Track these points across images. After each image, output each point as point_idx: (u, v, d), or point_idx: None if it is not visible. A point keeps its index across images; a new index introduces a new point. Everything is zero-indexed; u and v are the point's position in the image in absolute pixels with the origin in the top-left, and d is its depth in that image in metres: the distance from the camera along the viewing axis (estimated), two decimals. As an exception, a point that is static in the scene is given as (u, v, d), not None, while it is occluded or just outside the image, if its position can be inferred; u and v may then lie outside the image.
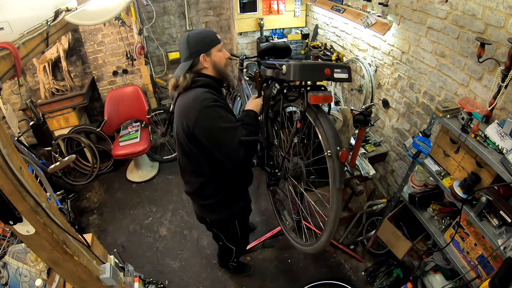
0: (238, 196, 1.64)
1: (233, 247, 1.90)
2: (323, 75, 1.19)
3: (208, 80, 1.37)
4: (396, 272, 2.15)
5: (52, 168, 1.68)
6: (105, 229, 2.78)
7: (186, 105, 1.29)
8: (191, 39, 1.35)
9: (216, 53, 1.39)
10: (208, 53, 1.37)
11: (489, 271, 1.41)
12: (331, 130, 1.21)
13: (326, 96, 1.24)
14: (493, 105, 1.36)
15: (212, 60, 1.38)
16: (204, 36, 1.37)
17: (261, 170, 1.73)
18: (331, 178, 1.22)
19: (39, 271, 1.43)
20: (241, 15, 3.31)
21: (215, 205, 1.57)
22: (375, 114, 2.49)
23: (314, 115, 1.27)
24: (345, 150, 1.15)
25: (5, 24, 0.89)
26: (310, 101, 1.22)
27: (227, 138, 1.26)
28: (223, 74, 1.43)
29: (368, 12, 2.24)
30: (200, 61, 1.36)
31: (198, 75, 1.38)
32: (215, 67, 1.40)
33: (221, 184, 1.49)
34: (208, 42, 1.37)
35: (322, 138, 1.23)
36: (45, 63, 3.02)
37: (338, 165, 1.19)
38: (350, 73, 1.25)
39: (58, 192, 2.47)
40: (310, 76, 1.22)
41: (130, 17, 3.13)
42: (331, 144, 1.18)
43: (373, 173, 2.00)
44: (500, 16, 1.36)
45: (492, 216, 1.31)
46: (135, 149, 3.03)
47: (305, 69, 1.20)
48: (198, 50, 1.35)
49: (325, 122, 1.23)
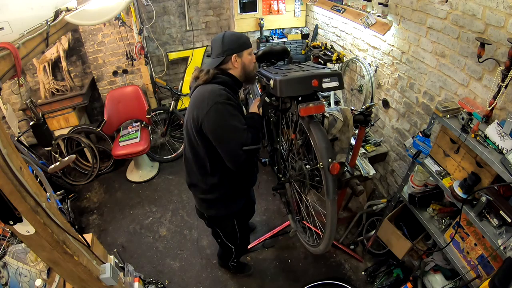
0: (238, 196, 1.64)
1: (232, 245, 1.90)
2: (310, 87, 1.19)
3: (228, 79, 1.41)
4: (396, 272, 2.15)
5: (52, 168, 1.68)
6: (105, 229, 2.78)
7: (201, 97, 1.33)
8: (227, 38, 1.40)
9: (247, 56, 1.45)
10: (240, 54, 1.42)
11: (489, 271, 1.41)
12: (323, 142, 1.21)
13: (318, 106, 1.23)
14: (493, 105, 1.36)
15: (242, 62, 1.44)
16: (239, 37, 1.43)
17: (260, 171, 1.75)
18: (324, 189, 1.23)
19: (39, 271, 1.43)
20: (241, 15, 3.31)
21: (213, 200, 1.58)
22: (375, 114, 2.49)
23: (307, 125, 1.27)
24: (337, 163, 1.15)
25: (5, 24, 0.89)
26: (300, 113, 1.22)
27: (233, 136, 1.28)
28: (249, 77, 1.48)
29: (368, 12, 2.24)
30: (231, 60, 1.41)
31: (222, 72, 1.42)
32: (244, 69, 1.45)
33: (221, 181, 1.50)
34: (242, 43, 1.42)
35: (315, 149, 1.23)
36: (45, 63, 3.02)
37: (330, 177, 1.19)
38: (341, 80, 1.24)
39: (58, 192, 2.48)
40: (297, 90, 1.21)
41: (130, 17, 3.12)
42: (323, 156, 1.19)
43: (373, 173, 2.00)
44: (500, 16, 1.36)
45: (492, 216, 1.31)
46: (135, 149, 3.03)
47: (291, 84, 1.19)
48: (232, 49, 1.40)
49: (317, 133, 1.22)
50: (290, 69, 1.38)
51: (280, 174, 1.81)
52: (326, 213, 1.28)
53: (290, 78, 1.20)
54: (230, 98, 1.32)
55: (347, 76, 2.84)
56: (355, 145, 1.90)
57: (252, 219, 2.73)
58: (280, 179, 1.82)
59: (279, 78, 1.18)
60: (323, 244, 1.40)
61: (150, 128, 3.44)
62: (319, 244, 1.47)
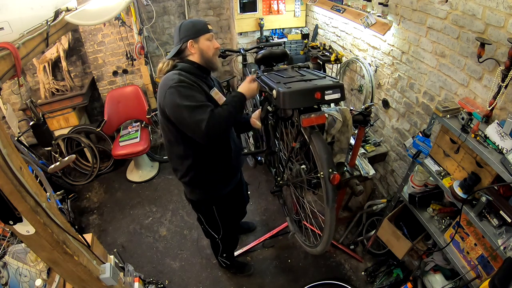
0: (217, 181, 1.66)
1: (215, 234, 1.92)
2: (313, 99, 1.21)
3: (186, 65, 1.45)
4: (396, 272, 2.15)
5: (52, 168, 1.68)
6: (105, 229, 2.79)
7: (160, 86, 1.40)
8: (183, 26, 1.45)
9: (205, 41, 1.46)
10: (196, 40, 1.45)
11: (489, 271, 1.41)
12: (324, 152, 1.22)
13: (319, 117, 1.24)
14: (493, 105, 1.36)
15: (199, 47, 1.46)
16: (195, 24, 1.46)
17: (260, 171, 1.75)
18: (324, 197, 1.25)
19: (39, 271, 1.43)
20: (241, 15, 3.31)
21: (191, 183, 1.63)
22: (375, 114, 2.49)
23: (308, 135, 1.28)
24: (337, 173, 1.16)
25: (5, 24, 0.89)
26: (302, 124, 1.23)
27: (187, 114, 1.30)
28: (209, 63, 1.50)
29: (368, 12, 2.24)
30: (187, 46, 1.45)
31: (183, 60, 1.46)
32: (202, 55, 1.47)
33: (195, 162, 1.54)
34: (197, 30, 1.45)
35: (316, 159, 1.24)
36: (45, 63, 3.02)
37: (330, 187, 1.21)
38: (343, 92, 1.26)
39: (58, 192, 2.47)
40: (300, 103, 1.23)
41: (130, 17, 3.12)
42: (324, 166, 1.20)
43: (373, 173, 2.00)
44: (500, 16, 1.36)
45: (492, 216, 1.31)
46: (135, 149, 3.03)
47: (294, 96, 1.21)
48: (187, 36, 1.44)
49: (318, 143, 1.24)
50: (291, 76, 1.38)
51: (279, 177, 1.82)
52: (325, 219, 1.30)
53: (294, 91, 1.21)
54: (182, 80, 1.35)
55: (347, 76, 2.84)
56: (355, 145, 1.90)
57: (252, 219, 2.74)
58: (278, 182, 1.82)
59: (283, 90, 1.19)
60: (321, 246, 1.44)
61: (150, 128, 3.44)
62: (317, 246, 1.50)
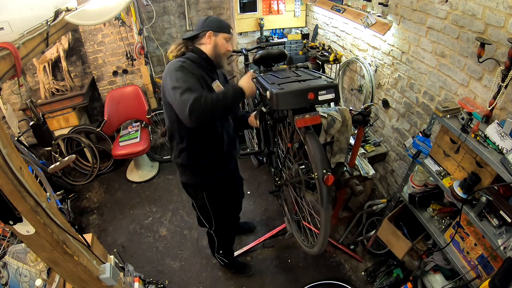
0: (205, 168, 1.69)
1: (207, 224, 1.93)
2: (306, 100, 1.20)
3: (194, 56, 1.49)
4: (396, 272, 2.15)
5: (52, 168, 1.68)
6: (105, 229, 2.79)
7: (164, 71, 1.46)
8: (209, 19, 1.52)
9: (222, 39, 1.52)
10: (216, 34, 1.50)
11: (489, 271, 1.41)
12: (318, 153, 1.22)
13: (313, 118, 1.23)
14: (493, 105, 1.36)
15: (215, 41, 1.50)
16: (220, 21, 1.53)
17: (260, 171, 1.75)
18: (318, 198, 1.25)
19: (39, 271, 1.43)
20: (241, 15, 3.31)
21: (181, 165, 1.69)
22: (375, 114, 2.49)
23: (303, 135, 1.28)
24: (331, 174, 1.16)
25: (5, 24, 0.89)
26: (296, 124, 1.23)
27: (176, 95, 1.33)
28: (217, 58, 1.54)
29: (368, 12, 2.24)
30: (205, 36, 1.49)
31: (193, 49, 1.51)
32: (215, 48, 1.51)
33: (187, 147, 1.59)
34: (221, 26, 1.51)
35: (310, 160, 1.24)
36: (45, 63, 3.02)
37: (325, 188, 1.21)
38: (338, 92, 1.25)
39: (58, 192, 2.47)
40: (293, 103, 1.22)
41: (130, 17, 3.12)
42: (318, 167, 1.20)
43: (373, 173, 2.00)
44: (500, 16, 1.36)
45: (492, 216, 1.31)
46: (135, 149, 3.03)
47: (287, 97, 1.20)
48: (210, 27, 1.49)
49: (312, 144, 1.23)
50: (287, 77, 1.38)
51: (277, 177, 1.82)
52: (320, 220, 1.30)
53: (286, 92, 1.20)
54: (183, 67, 1.38)
55: (347, 76, 2.84)
56: (354, 145, 1.90)
57: (252, 219, 2.74)
58: (276, 182, 1.83)
59: (275, 91, 1.19)
60: (317, 247, 1.46)
61: (150, 128, 3.44)
62: (314, 246, 1.51)
